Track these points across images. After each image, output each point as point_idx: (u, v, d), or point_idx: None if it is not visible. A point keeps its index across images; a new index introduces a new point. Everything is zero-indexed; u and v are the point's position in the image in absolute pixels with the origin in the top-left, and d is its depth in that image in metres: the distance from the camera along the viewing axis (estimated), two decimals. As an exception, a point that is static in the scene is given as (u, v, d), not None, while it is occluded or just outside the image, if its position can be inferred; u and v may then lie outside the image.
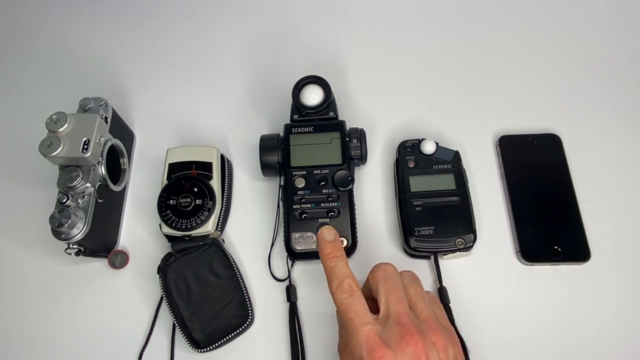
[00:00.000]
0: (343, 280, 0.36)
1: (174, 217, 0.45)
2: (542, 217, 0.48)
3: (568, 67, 0.57)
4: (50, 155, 0.42)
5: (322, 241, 0.39)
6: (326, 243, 0.39)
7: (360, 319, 0.34)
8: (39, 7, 0.66)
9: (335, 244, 0.39)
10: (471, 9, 0.62)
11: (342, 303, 0.35)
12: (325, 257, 0.38)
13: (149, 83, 0.59)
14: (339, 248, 0.38)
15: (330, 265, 0.37)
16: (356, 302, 0.35)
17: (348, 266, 0.37)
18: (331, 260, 0.37)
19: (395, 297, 0.35)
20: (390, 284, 0.36)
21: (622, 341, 0.43)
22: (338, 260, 0.37)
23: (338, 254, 0.38)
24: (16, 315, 0.48)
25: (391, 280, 0.37)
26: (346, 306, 0.35)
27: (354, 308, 0.34)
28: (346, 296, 0.35)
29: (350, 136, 0.49)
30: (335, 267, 0.37)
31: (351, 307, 0.35)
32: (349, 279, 0.36)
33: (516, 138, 0.52)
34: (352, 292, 0.35)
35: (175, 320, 0.44)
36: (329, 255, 0.38)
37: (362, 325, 0.34)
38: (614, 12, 0.61)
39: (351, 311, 0.34)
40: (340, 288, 0.36)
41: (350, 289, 0.35)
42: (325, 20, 0.63)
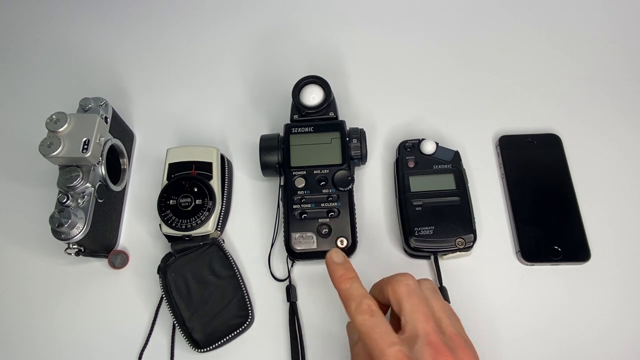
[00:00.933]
0: (361, 301, 0.34)
1: (174, 217, 0.45)
2: (542, 217, 0.48)
3: (568, 67, 0.57)
4: (50, 155, 0.42)
5: (332, 264, 0.38)
6: (336, 266, 0.37)
7: (386, 340, 0.32)
8: (39, 7, 0.66)
9: (346, 266, 0.37)
10: (471, 8, 0.62)
11: (363, 325, 0.33)
12: (338, 280, 0.37)
13: (149, 83, 0.59)
14: (351, 269, 0.37)
15: (345, 287, 0.36)
16: (379, 323, 0.33)
17: (362, 286, 0.36)
18: (345, 282, 0.36)
19: (422, 314, 0.34)
20: (415, 300, 0.35)
21: (622, 341, 0.43)
22: (352, 281, 0.36)
23: (350, 275, 0.37)
24: (16, 315, 0.48)
25: (415, 296, 0.35)
26: (369, 328, 0.33)
27: (378, 329, 0.33)
28: (367, 317, 0.34)
29: (350, 136, 0.49)
30: (350, 288, 0.36)
31: (375, 329, 0.33)
32: (367, 299, 0.35)
33: (516, 138, 0.52)
34: (372, 313, 0.34)
35: (175, 320, 0.44)
36: (341, 277, 0.37)
37: (389, 346, 0.32)
38: (614, 12, 0.61)
39: (375, 333, 0.33)
40: (360, 309, 0.34)
41: (370, 309, 0.34)
42: (325, 20, 0.63)
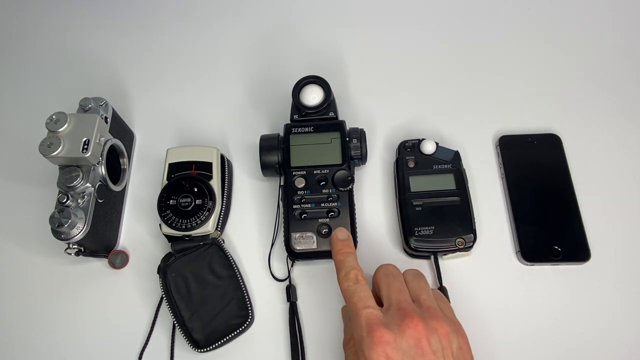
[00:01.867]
0: (349, 271, 0.38)
1: (174, 217, 0.45)
2: (542, 217, 0.48)
3: (568, 67, 0.57)
4: (50, 155, 0.42)
5: (335, 240, 0.41)
6: (338, 241, 0.41)
7: (363, 302, 0.36)
8: (39, 7, 0.66)
9: (346, 242, 0.41)
10: (471, 9, 0.62)
11: (347, 290, 0.37)
12: (336, 252, 0.40)
13: (149, 83, 0.59)
14: (350, 245, 0.41)
15: (340, 259, 0.40)
16: (360, 289, 0.37)
17: (357, 260, 0.40)
18: (341, 255, 0.40)
19: (396, 288, 0.37)
20: (391, 278, 0.38)
21: (622, 341, 0.43)
22: (347, 254, 0.40)
23: (348, 250, 0.40)
24: (16, 315, 0.48)
25: (391, 275, 0.39)
26: (351, 292, 0.37)
27: (357, 294, 0.36)
28: (351, 284, 0.37)
29: (350, 136, 0.49)
30: (344, 260, 0.39)
31: (355, 293, 0.36)
32: (355, 269, 0.38)
33: (516, 138, 0.52)
34: (357, 281, 0.37)
35: (175, 320, 0.44)
36: (339, 250, 0.40)
37: (364, 308, 0.35)
38: (615, 12, 0.61)
39: (355, 296, 0.36)
40: (347, 277, 0.38)
41: (356, 277, 0.38)
42: (325, 20, 0.63)
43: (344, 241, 0.41)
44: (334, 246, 0.41)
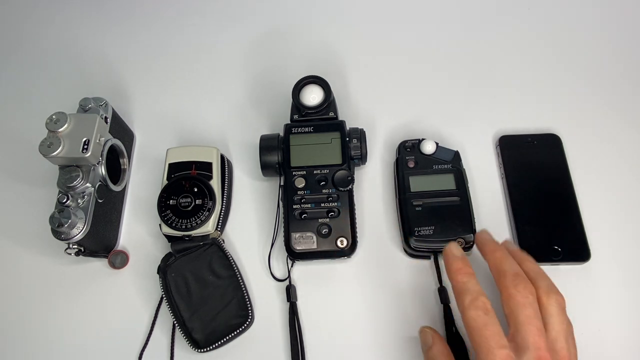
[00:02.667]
0: (477, 297, 0.35)
1: (174, 217, 0.45)
2: (542, 217, 0.48)
3: (568, 67, 0.57)
4: (50, 155, 0.42)
5: (451, 256, 0.39)
6: (456, 258, 0.38)
7: (497, 340, 0.33)
8: (39, 7, 0.66)
9: (465, 261, 0.38)
10: (471, 9, 0.62)
11: (476, 320, 0.34)
12: (456, 271, 0.37)
13: (149, 83, 0.59)
14: (469, 264, 0.38)
15: (463, 281, 0.37)
16: (492, 322, 0.34)
17: (479, 283, 0.37)
18: (463, 276, 0.37)
19: (535, 328, 0.34)
20: (530, 312, 0.35)
21: (622, 341, 0.43)
22: (470, 276, 0.37)
23: (469, 270, 0.37)
24: (16, 315, 0.48)
25: (531, 309, 0.35)
26: (481, 324, 0.34)
27: (490, 328, 0.34)
28: (481, 313, 0.34)
29: (350, 136, 0.49)
30: (468, 282, 0.36)
31: (487, 327, 0.34)
32: (483, 296, 0.35)
33: (516, 138, 0.52)
34: (487, 311, 0.34)
35: (175, 320, 0.44)
36: (459, 270, 0.37)
37: (499, 347, 0.32)
38: (615, 13, 0.61)
39: (487, 330, 0.33)
40: (475, 304, 0.35)
41: (486, 307, 0.35)
42: (325, 20, 0.63)
43: (462, 259, 0.38)
44: (450, 264, 0.38)
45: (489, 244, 0.40)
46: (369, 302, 0.46)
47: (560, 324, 0.35)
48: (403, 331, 0.44)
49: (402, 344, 0.44)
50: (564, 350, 0.34)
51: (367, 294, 0.46)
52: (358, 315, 0.46)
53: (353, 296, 0.47)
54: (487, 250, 0.40)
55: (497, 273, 0.38)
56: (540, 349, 0.33)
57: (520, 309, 0.35)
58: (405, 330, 0.44)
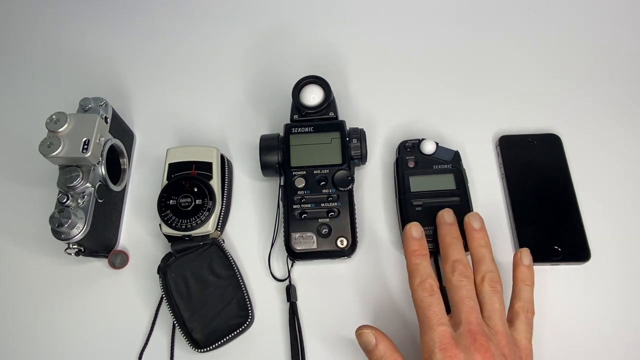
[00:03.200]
0: (426, 279, 0.38)
1: (174, 217, 0.45)
2: (542, 217, 0.48)
3: (568, 67, 0.57)
4: (50, 155, 0.42)
5: (410, 238, 0.41)
6: (413, 240, 0.41)
7: (438, 318, 0.37)
8: (38, 6, 0.66)
9: (422, 242, 0.41)
10: (471, 9, 0.62)
11: (422, 300, 0.38)
12: (411, 253, 0.40)
13: (149, 83, 0.59)
14: (425, 247, 0.41)
15: (415, 262, 0.40)
16: (436, 302, 0.38)
17: (430, 266, 0.40)
18: (417, 257, 0.40)
19: (467, 306, 0.37)
20: (464, 293, 0.38)
21: (622, 341, 0.43)
22: (423, 258, 0.40)
23: (424, 252, 0.41)
24: (16, 315, 0.48)
25: (464, 290, 0.38)
26: (426, 304, 0.37)
27: (433, 307, 0.37)
28: (427, 295, 0.38)
29: (350, 136, 0.49)
30: (420, 264, 0.40)
31: (431, 306, 0.37)
32: (431, 278, 0.39)
33: (516, 138, 0.52)
34: (432, 292, 0.38)
35: (175, 320, 0.44)
36: (414, 252, 0.40)
37: (438, 324, 0.36)
38: (614, 13, 0.61)
39: (430, 310, 0.37)
40: (422, 286, 0.38)
41: (432, 288, 0.38)
42: (325, 20, 0.63)
43: (420, 241, 0.41)
44: (407, 244, 0.41)
45: (443, 228, 0.43)
46: (369, 302, 0.46)
47: (492, 304, 0.39)
48: (403, 331, 0.44)
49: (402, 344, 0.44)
50: (497, 326, 0.38)
51: (367, 294, 0.46)
52: (358, 315, 0.46)
53: (353, 296, 0.47)
54: (440, 235, 0.43)
55: (443, 259, 0.41)
56: (471, 324, 0.36)
57: (455, 291, 0.39)
58: (405, 330, 0.44)
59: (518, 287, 0.41)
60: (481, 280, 0.39)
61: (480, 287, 0.39)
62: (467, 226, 0.43)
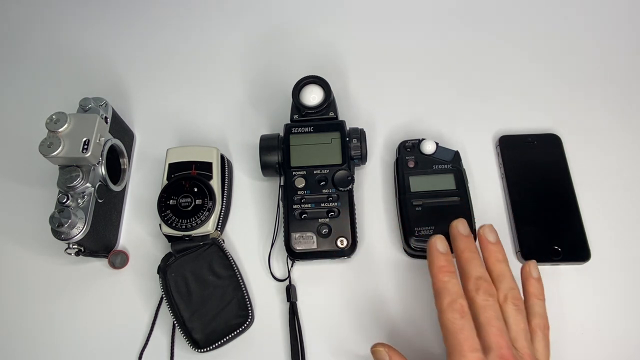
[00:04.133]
0: (456, 299, 0.35)
1: (174, 217, 0.45)
2: (542, 217, 0.48)
3: (568, 67, 0.57)
4: (50, 155, 0.42)
5: (435, 251, 0.38)
6: (439, 255, 0.38)
7: (470, 344, 0.33)
8: (38, 6, 0.66)
9: (448, 258, 0.38)
10: (471, 9, 0.62)
11: (453, 323, 0.34)
12: (438, 270, 0.37)
13: (149, 83, 0.59)
14: (452, 263, 0.38)
15: (444, 280, 0.36)
16: (467, 327, 0.34)
17: (459, 284, 0.37)
18: (444, 275, 0.36)
19: (495, 328, 0.35)
20: (491, 314, 0.35)
21: (622, 341, 0.43)
22: (452, 276, 0.36)
23: (452, 269, 0.37)
24: (16, 315, 0.48)
25: (491, 310, 0.35)
26: (457, 328, 0.34)
27: (465, 332, 0.34)
28: (458, 316, 0.34)
29: (350, 136, 0.49)
30: (448, 282, 0.36)
31: (462, 331, 0.34)
32: (462, 299, 0.35)
33: (516, 138, 0.52)
34: (463, 314, 0.35)
35: (175, 320, 0.44)
36: (442, 268, 0.37)
37: (471, 351, 0.33)
38: (614, 13, 0.61)
39: (462, 334, 0.34)
40: (452, 307, 0.35)
41: (463, 309, 0.35)
42: (325, 20, 0.63)
43: (447, 256, 0.37)
44: (434, 259, 0.37)
45: (461, 241, 0.39)
46: (369, 302, 0.46)
47: (517, 324, 0.36)
48: (403, 331, 0.44)
49: (402, 344, 0.44)
50: (524, 348, 0.35)
51: (367, 294, 0.46)
52: (358, 315, 0.46)
53: (353, 296, 0.47)
54: (457, 248, 0.39)
55: (462, 275, 0.38)
56: (502, 348, 0.34)
57: (481, 312, 0.35)
58: (405, 330, 0.44)
59: (531, 302, 0.39)
60: (504, 299, 0.37)
61: (504, 306, 0.37)
62: (482, 239, 0.40)
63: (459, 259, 0.39)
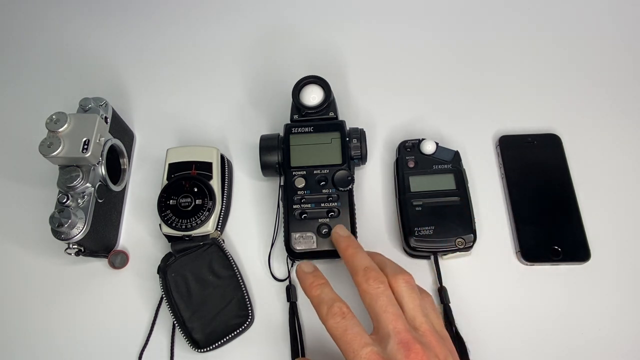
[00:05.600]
0: (332, 305, 0.35)
1: (174, 217, 0.45)
2: (542, 217, 0.48)
3: (568, 67, 0.57)
4: (50, 155, 0.42)
5: (302, 274, 0.38)
6: (305, 274, 0.38)
7: (359, 341, 0.33)
8: (38, 6, 0.66)
9: (315, 273, 0.38)
10: (471, 8, 0.62)
11: (336, 328, 0.34)
12: (309, 287, 0.37)
13: (149, 83, 0.59)
14: (320, 276, 0.38)
15: (316, 294, 0.36)
16: (351, 325, 0.34)
17: (333, 291, 0.36)
18: (315, 289, 0.36)
19: (391, 314, 0.34)
20: (384, 300, 0.35)
21: (622, 341, 0.43)
22: (322, 287, 0.36)
23: (320, 282, 0.37)
24: (16, 315, 0.48)
25: (384, 297, 0.35)
26: (341, 330, 0.33)
27: (350, 331, 0.33)
28: (339, 319, 0.34)
29: (350, 136, 0.49)
30: (321, 294, 0.36)
31: (347, 331, 0.33)
32: (338, 302, 0.35)
33: (516, 138, 0.52)
34: (344, 315, 0.34)
35: (175, 320, 0.44)
36: (311, 285, 0.37)
37: (362, 347, 0.32)
38: (615, 12, 0.61)
39: (347, 334, 0.33)
40: (331, 312, 0.34)
41: (342, 311, 0.34)
42: (325, 20, 0.63)
43: (312, 273, 0.38)
44: (302, 281, 0.38)
45: (342, 240, 0.40)
46: (369, 302, 0.46)
47: (413, 300, 0.35)
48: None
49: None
50: (423, 324, 0.34)
51: (367, 294, 0.46)
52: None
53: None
54: (341, 248, 0.40)
55: (351, 270, 0.38)
56: (401, 332, 0.33)
57: (375, 301, 0.35)
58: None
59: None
60: (395, 281, 0.36)
61: (396, 287, 0.36)
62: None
63: (345, 258, 0.39)
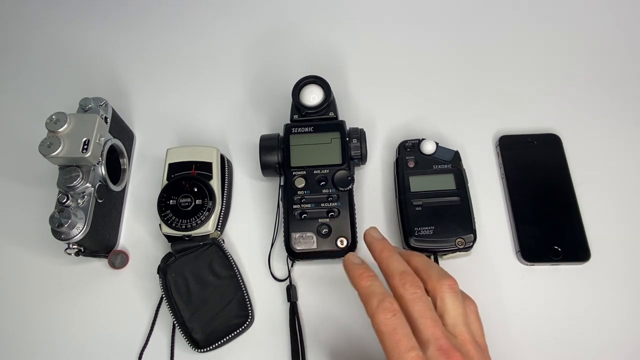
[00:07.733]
0: (384, 299, 0.34)
1: (174, 217, 0.45)
2: (542, 217, 0.48)
3: (568, 67, 0.57)
4: (50, 155, 0.42)
5: (350, 264, 0.38)
6: (355, 265, 0.37)
7: (406, 343, 0.32)
8: (38, 6, 0.66)
9: (365, 265, 0.37)
10: (471, 8, 0.62)
11: (385, 324, 0.33)
12: (359, 277, 0.36)
13: (149, 83, 0.59)
14: (370, 269, 0.37)
15: (367, 285, 0.35)
16: (401, 323, 0.33)
17: (384, 286, 0.36)
18: (366, 280, 0.36)
19: (429, 320, 0.33)
20: (421, 306, 0.34)
21: (622, 341, 0.43)
22: (373, 279, 0.36)
23: (371, 274, 0.36)
24: (16, 316, 0.48)
25: (421, 302, 0.34)
26: (390, 328, 0.33)
27: (399, 330, 0.32)
28: (390, 316, 0.33)
29: (350, 136, 0.49)
30: (372, 285, 0.35)
31: (396, 329, 0.32)
32: (390, 297, 0.34)
33: (516, 138, 0.52)
34: (395, 312, 0.33)
35: (175, 320, 0.44)
36: (362, 275, 0.36)
37: (408, 350, 0.32)
38: (615, 12, 0.61)
39: (397, 334, 0.32)
40: (382, 306, 0.33)
41: (393, 307, 0.33)
42: (325, 20, 0.63)
43: (362, 265, 0.37)
44: (352, 271, 0.37)
45: (377, 243, 0.39)
46: (369, 302, 0.46)
47: (456, 309, 0.35)
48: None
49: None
50: (463, 333, 0.34)
51: (367, 294, 0.46)
52: (358, 315, 0.46)
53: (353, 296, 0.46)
54: (375, 250, 0.39)
55: (386, 274, 0.37)
56: (440, 339, 0.32)
57: (412, 306, 0.34)
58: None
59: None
60: (439, 284, 0.35)
61: (440, 292, 0.35)
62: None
63: (379, 260, 0.38)
